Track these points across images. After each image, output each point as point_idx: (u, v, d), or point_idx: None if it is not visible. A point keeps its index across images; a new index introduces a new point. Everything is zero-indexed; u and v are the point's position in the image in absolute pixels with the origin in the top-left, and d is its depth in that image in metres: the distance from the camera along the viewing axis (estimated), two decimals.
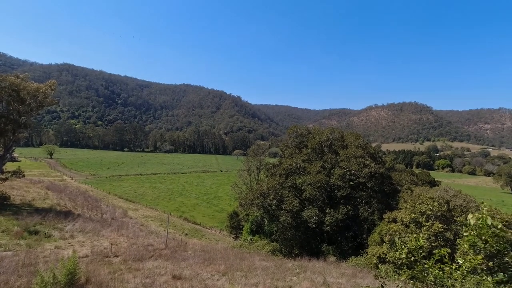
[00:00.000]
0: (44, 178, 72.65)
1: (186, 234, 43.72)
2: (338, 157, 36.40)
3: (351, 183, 33.50)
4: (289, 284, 15.20)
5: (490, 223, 4.07)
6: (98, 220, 32.80)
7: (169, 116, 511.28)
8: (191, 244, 28.38)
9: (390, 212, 27.85)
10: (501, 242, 4.16)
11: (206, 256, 21.17)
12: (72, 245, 20.08)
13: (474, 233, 4.19)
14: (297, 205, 32.05)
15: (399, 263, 4.67)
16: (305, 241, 32.82)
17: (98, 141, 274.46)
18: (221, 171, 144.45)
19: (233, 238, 46.03)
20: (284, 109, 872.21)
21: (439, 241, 21.18)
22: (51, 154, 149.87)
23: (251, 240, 38.73)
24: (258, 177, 57.51)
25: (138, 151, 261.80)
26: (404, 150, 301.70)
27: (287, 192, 33.55)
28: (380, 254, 23.21)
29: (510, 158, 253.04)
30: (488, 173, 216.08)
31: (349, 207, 31.69)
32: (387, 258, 21.86)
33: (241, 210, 44.98)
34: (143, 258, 18.45)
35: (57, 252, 17.80)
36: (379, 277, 4.43)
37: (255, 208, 35.07)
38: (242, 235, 43.52)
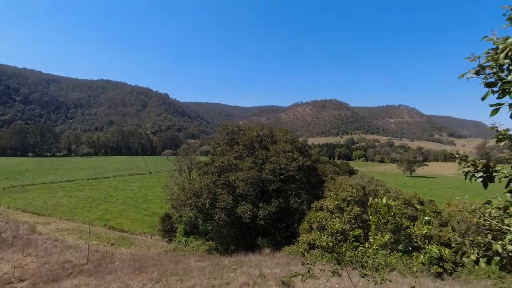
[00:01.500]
0: None
1: (112, 244, 39.93)
2: (268, 152, 37.82)
3: (282, 176, 35.22)
4: (226, 281, 15.20)
5: (386, 204, 4.75)
6: None
7: (86, 116, 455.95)
8: (118, 254, 26.00)
9: (317, 201, 30.27)
10: (397, 219, 4.89)
11: (137, 265, 19.69)
12: None
13: (378, 215, 4.82)
14: (231, 202, 32.24)
15: (326, 247, 5.05)
16: (240, 237, 33.30)
17: None
18: (150, 173, 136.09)
19: (166, 242, 43.89)
20: (214, 106, 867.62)
21: (358, 223, 23.79)
22: None
23: (186, 241, 37.53)
24: (190, 176, 55.94)
25: (47, 156, 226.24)
26: (327, 143, 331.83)
27: (220, 189, 33.44)
28: (310, 241, 25.08)
29: (409, 147, 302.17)
30: (393, 161, 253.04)
31: (281, 200, 33.29)
32: (316, 243, 23.79)
33: (174, 212, 43.17)
34: (59, 278, 16.13)
35: None
36: (305, 263, 4.74)
37: (189, 208, 34.04)
38: (176, 237, 41.83)
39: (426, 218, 5.49)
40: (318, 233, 4.76)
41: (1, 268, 18.07)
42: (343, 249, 4.71)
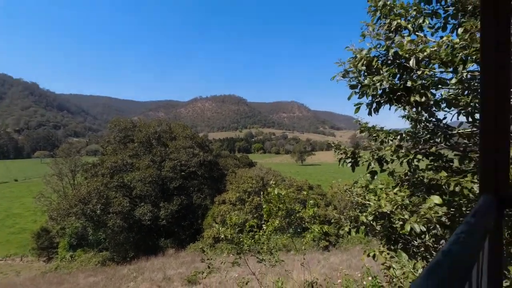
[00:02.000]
0: None
1: None
2: (167, 149, 36.08)
3: (183, 173, 34.23)
4: None
5: (277, 194, 5.27)
6: None
7: None
8: None
9: (220, 195, 30.78)
10: (288, 205, 5.47)
11: None
12: None
13: (270, 204, 5.28)
14: (127, 204, 29.41)
15: (228, 239, 5.17)
16: (141, 241, 30.80)
17: None
18: (16, 181, 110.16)
19: (44, 261, 36.55)
20: (103, 100, 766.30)
21: (259, 212, 25.34)
22: None
23: (71, 257, 32.19)
24: (74, 181, 48.06)
25: None
26: (227, 138, 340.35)
27: (114, 192, 30.01)
28: (214, 235, 25.35)
29: (299, 139, 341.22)
30: (287, 152, 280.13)
31: (183, 197, 32.39)
32: (221, 236, 24.26)
33: (53, 225, 36.30)
34: None
35: None
36: (205, 260, 4.76)
37: (74, 218, 29.21)
38: (58, 254, 35.35)
39: (311, 202, 6.26)
40: (217, 226, 4.86)
41: None
42: (241, 239, 4.94)
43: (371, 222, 4.27)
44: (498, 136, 1.33)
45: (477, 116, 3.85)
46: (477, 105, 3.63)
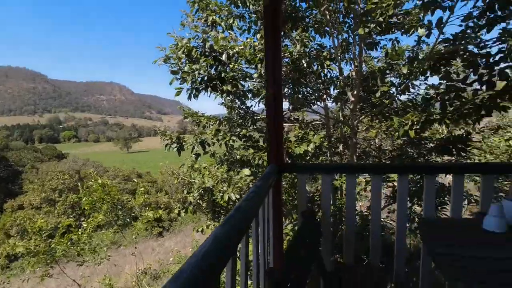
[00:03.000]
0: None
1: None
2: None
3: None
4: None
5: (102, 184, 4.81)
6: None
7: None
8: None
9: (14, 199, 23.62)
10: (114, 196, 5.10)
11: None
12: None
13: (91, 197, 4.73)
14: None
15: (32, 251, 4.14)
16: None
17: None
18: None
19: None
20: None
21: (77, 212, 21.62)
22: None
23: None
24: None
25: None
26: (20, 124, 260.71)
27: None
28: (8, 252, 19.30)
29: (123, 124, 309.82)
30: (109, 139, 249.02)
31: None
32: (19, 252, 18.78)
33: None
34: None
35: None
36: None
37: None
38: None
39: (141, 189, 6.07)
40: (12, 240, 3.77)
41: None
42: (52, 246, 4.13)
43: (198, 201, 4.70)
44: (277, 122, 1.85)
45: None
46: None
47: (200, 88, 4.03)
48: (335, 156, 6.39)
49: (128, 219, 6.29)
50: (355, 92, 5.11)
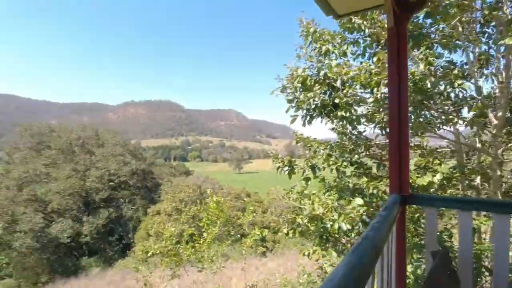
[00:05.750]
0: None
1: None
2: (93, 157, 32.77)
3: (111, 183, 31.42)
4: None
5: (216, 202, 5.43)
6: None
7: None
8: None
9: (154, 206, 29.12)
10: (226, 212, 5.66)
11: None
12: None
13: (208, 212, 5.38)
14: (41, 221, 25.62)
15: (163, 252, 5.03)
16: (57, 262, 26.94)
17: None
18: None
19: None
20: (7, 99, 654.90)
21: (196, 221, 24.76)
22: None
23: None
24: None
25: None
26: (162, 145, 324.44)
27: (23, 207, 25.84)
28: (147, 249, 23.75)
29: (237, 147, 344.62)
30: (225, 160, 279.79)
31: (111, 210, 29.67)
32: (156, 252, 22.86)
33: None
34: None
35: None
36: (139, 279, 4.57)
37: None
38: None
39: (251, 208, 6.52)
40: (151, 241, 4.69)
41: None
42: (180, 250, 4.88)
43: (306, 224, 4.70)
44: (401, 146, 1.73)
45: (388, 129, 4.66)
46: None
47: (314, 115, 4.17)
48: (470, 190, 5.28)
49: (238, 235, 6.80)
50: (499, 114, 4.20)
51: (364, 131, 5.16)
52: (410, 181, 3.83)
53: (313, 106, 4.11)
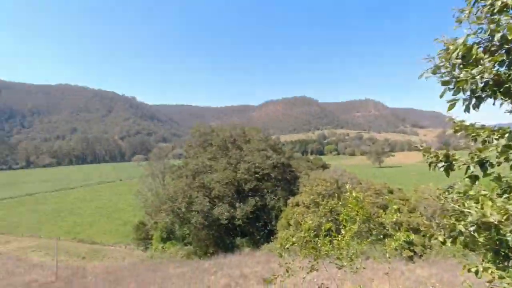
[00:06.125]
0: None
1: (84, 258, 37.92)
2: (242, 152, 37.88)
3: (257, 175, 35.44)
4: (208, 284, 15.06)
5: (355, 198, 5.01)
6: None
7: (46, 123, 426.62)
8: (90, 268, 24.77)
9: (293, 197, 30.82)
10: (366, 209, 5.16)
11: (111, 277, 18.87)
12: None
13: (347, 208, 5.07)
14: (207, 204, 31.93)
15: (302, 244, 5.21)
16: (219, 239, 33.08)
17: None
18: (121, 180, 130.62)
19: (142, 250, 42.41)
20: (185, 108, 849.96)
21: (334, 216, 24.54)
22: None
23: (162, 248, 36.54)
24: (163, 181, 54.47)
25: (2, 169, 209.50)
26: (299, 140, 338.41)
27: (196, 192, 32.97)
28: (288, 237, 25.53)
29: (376, 139, 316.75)
30: (363, 153, 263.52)
31: (257, 198, 33.51)
32: (295, 241, 24.29)
33: (149, 219, 41.83)
34: None
35: None
36: (283, 264, 4.86)
37: (164, 214, 33.18)
38: (152, 245, 40.58)
39: (394, 206, 5.81)
40: (291, 229, 4.91)
41: None
42: (319, 245, 4.89)
43: (472, 233, 3.74)
44: None
45: None
46: None
47: (483, 96, 3.22)
48: None
49: (381, 235, 6.21)
50: None
51: None
52: None
53: (481, 85, 3.15)
